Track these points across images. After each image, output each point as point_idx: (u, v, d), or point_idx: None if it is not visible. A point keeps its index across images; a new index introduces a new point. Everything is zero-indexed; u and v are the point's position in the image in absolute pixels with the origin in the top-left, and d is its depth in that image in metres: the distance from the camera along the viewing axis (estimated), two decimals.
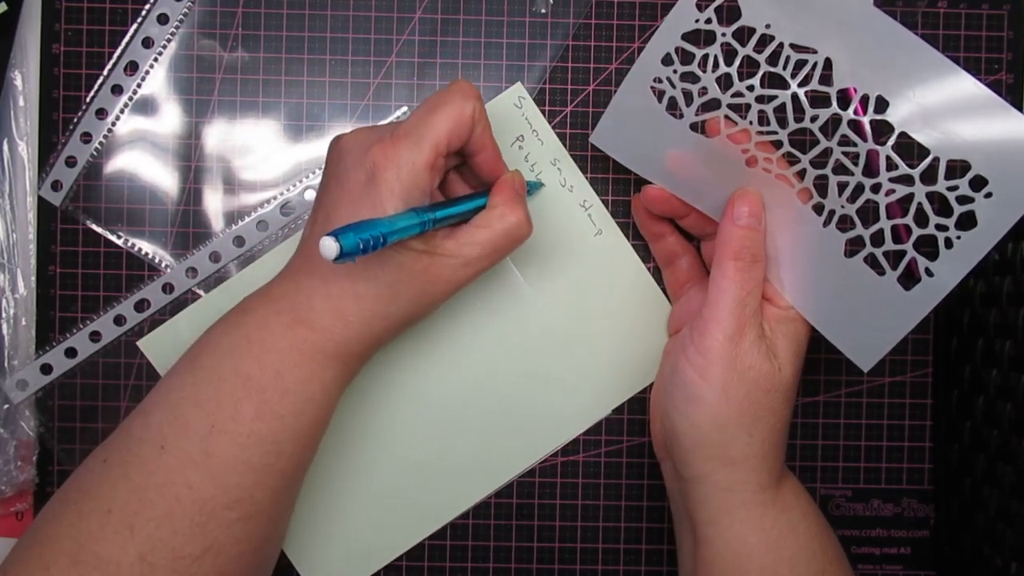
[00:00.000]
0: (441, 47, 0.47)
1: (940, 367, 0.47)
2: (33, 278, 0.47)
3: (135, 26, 0.46)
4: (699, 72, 0.40)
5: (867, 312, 0.37)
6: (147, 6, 0.46)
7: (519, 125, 0.46)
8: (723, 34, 0.39)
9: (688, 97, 0.40)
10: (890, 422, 0.48)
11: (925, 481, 0.48)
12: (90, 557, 0.34)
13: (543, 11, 0.47)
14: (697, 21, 0.39)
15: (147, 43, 0.46)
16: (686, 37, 0.40)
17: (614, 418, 0.47)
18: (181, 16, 0.46)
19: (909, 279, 0.37)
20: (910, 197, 0.37)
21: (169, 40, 0.46)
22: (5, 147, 0.46)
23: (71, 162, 0.46)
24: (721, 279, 0.39)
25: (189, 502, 0.35)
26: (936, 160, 0.36)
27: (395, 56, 0.47)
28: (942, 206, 0.37)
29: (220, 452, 0.36)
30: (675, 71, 0.40)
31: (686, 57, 0.40)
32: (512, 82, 0.47)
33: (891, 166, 0.37)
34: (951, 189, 0.36)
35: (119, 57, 0.46)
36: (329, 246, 0.32)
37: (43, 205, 0.46)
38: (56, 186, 0.46)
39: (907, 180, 0.37)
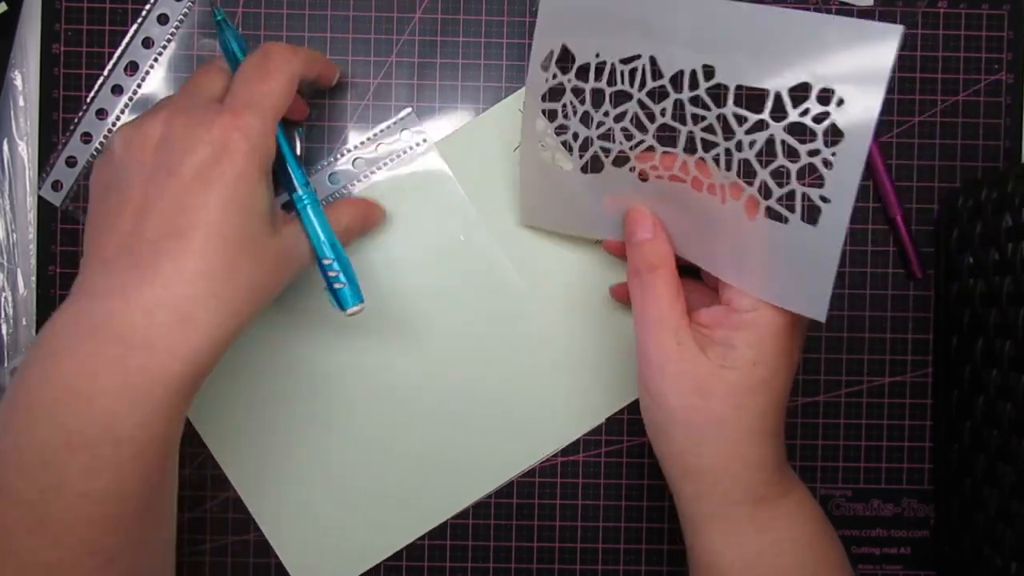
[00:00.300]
0: (441, 47, 0.47)
1: (940, 367, 0.47)
2: (33, 278, 0.47)
3: (135, 26, 0.46)
4: (566, 122, 0.42)
5: (795, 262, 0.37)
6: (147, 6, 0.46)
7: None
8: (568, 80, 0.41)
9: (568, 147, 0.42)
10: (890, 422, 0.48)
11: (925, 481, 0.48)
12: None
13: None
14: (547, 80, 0.41)
15: (147, 43, 0.46)
16: (545, 98, 0.42)
17: (614, 418, 0.47)
18: (181, 16, 0.46)
19: (813, 214, 0.36)
20: (772, 140, 0.37)
21: (169, 40, 0.46)
22: (5, 147, 0.46)
23: (71, 162, 0.46)
24: (633, 297, 0.39)
25: (37, 566, 0.33)
26: (778, 95, 0.36)
27: (395, 56, 0.47)
28: (804, 134, 0.36)
29: (55, 516, 0.33)
30: (548, 132, 0.42)
31: (552, 115, 0.42)
32: (512, 82, 0.47)
33: (741, 120, 0.37)
34: (804, 114, 0.36)
35: (119, 57, 0.46)
36: (358, 310, 0.36)
37: (43, 205, 0.46)
38: (56, 186, 0.46)
39: (761, 126, 0.37)
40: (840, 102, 0.34)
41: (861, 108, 0.34)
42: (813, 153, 0.35)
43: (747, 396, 0.36)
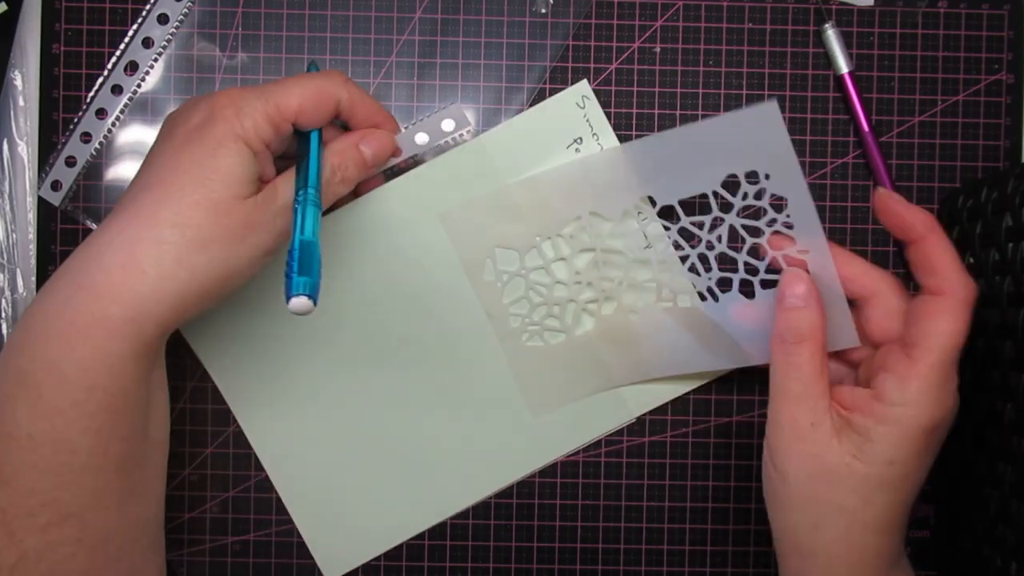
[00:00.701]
0: (441, 47, 0.47)
1: None
2: (33, 278, 0.47)
3: (135, 26, 0.46)
4: (540, 300, 0.45)
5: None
6: (147, 6, 0.46)
7: (578, 127, 0.45)
8: (522, 271, 0.45)
9: (551, 320, 0.46)
10: None
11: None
12: None
13: (543, 11, 0.47)
14: (501, 286, 0.45)
15: (147, 43, 0.46)
16: (509, 298, 0.46)
17: None
18: (181, 16, 0.46)
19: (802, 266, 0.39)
20: (733, 229, 0.41)
21: (169, 40, 0.46)
22: (5, 147, 0.46)
23: (71, 162, 0.46)
24: (773, 363, 0.38)
25: None
26: (715, 193, 0.40)
27: (395, 56, 0.47)
28: (754, 214, 0.39)
29: (7, 459, 0.34)
30: (526, 323, 0.46)
31: (523, 304, 0.46)
32: (512, 81, 0.47)
33: (699, 226, 0.42)
34: (744, 197, 0.39)
35: (119, 57, 0.46)
36: (303, 305, 0.33)
37: (43, 205, 0.46)
38: (56, 186, 0.46)
39: (717, 222, 0.41)
40: (767, 176, 0.38)
41: (784, 171, 0.37)
42: (772, 223, 0.39)
43: (876, 493, 0.35)
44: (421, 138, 0.44)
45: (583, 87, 0.45)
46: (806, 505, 0.36)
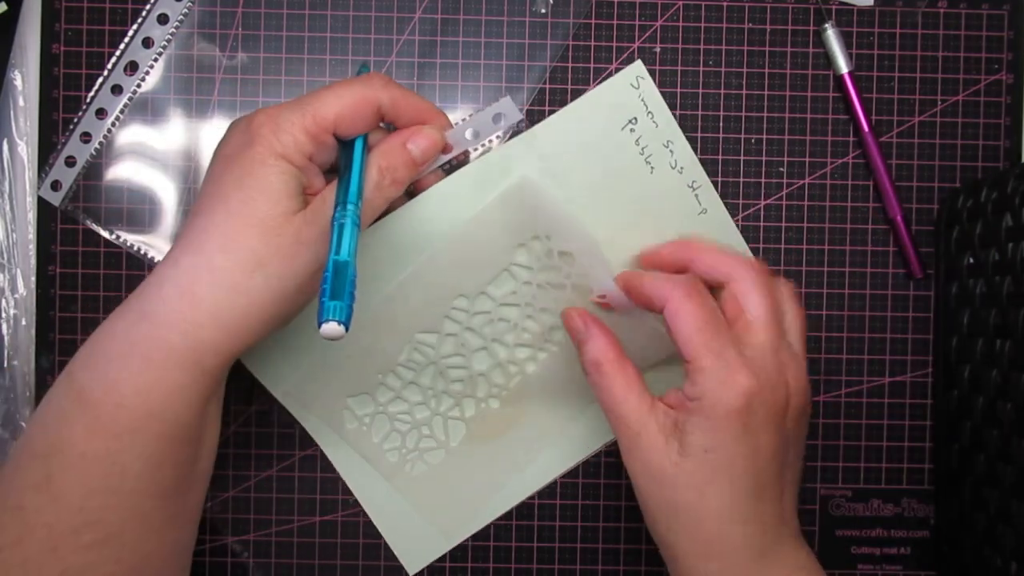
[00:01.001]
0: (441, 47, 0.47)
1: (940, 367, 0.47)
2: (33, 278, 0.47)
3: (135, 26, 0.46)
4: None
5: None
6: (147, 6, 0.46)
7: (633, 107, 0.45)
8: (381, 407, 0.47)
9: (416, 441, 0.47)
10: (890, 422, 0.48)
11: (925, 481, 0.48)
12: None
13: (543, 11, 0.47)
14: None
15: (147, 43, 0.46)
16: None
17: None
18: (181, 16, 0.46)
19: None
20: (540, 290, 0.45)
21: (169, 40, 0.46)
22: (5, 147, 0.46)
23: (71, 162, 0.46)
24: (593, 390, 0.40)
25: (37, 526, 0.34)
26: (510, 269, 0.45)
27: (395, 56, 0.47)
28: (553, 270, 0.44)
29: (59, 475, 0.34)
30: (399, 447, 0.47)
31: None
32: (512, 81, 0.47)
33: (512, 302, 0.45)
34: (540, 258, 0.44)
35: (119, 57, 0.46)
36: (334, 331, 0.32)
37: (43, 205, 0.46)
38: (56, 186, 0.46)
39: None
40: (548, 236, 0.43)
41: (563, 228, 0.43)
42: (568, 276, 0.44)
43: (707, 485, 0.36)
44: (471, 133, 0.44)
45: (638, 67, 0.45)
46: (653, 507, 0.38)
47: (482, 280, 0.44)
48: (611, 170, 0.45)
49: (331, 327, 0.32)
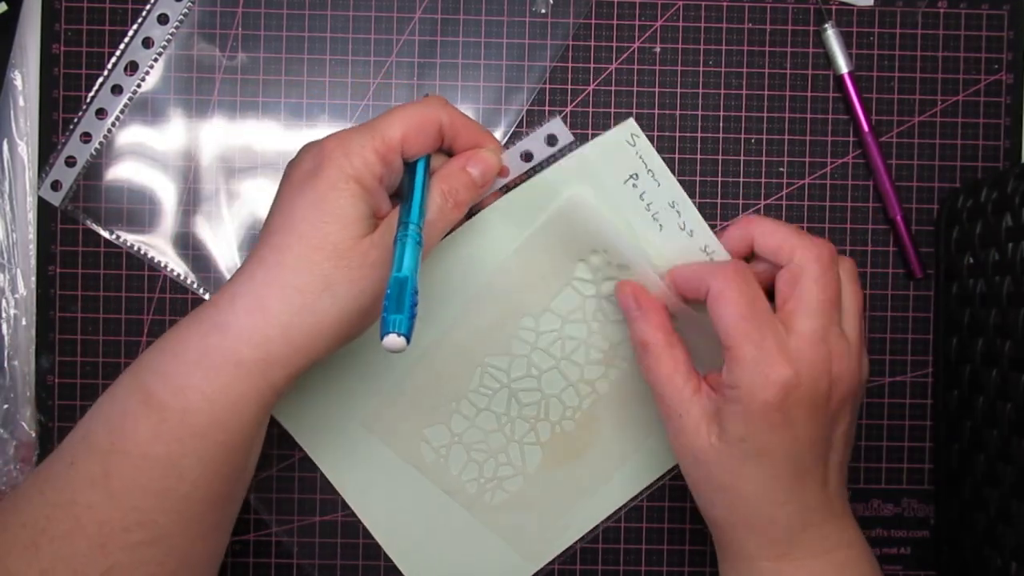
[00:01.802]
0: (441, 47, 0.47)
1: (940, 367, 0.47)
2: (33, 278, 0.47)
3: (135, 26, 0.46)
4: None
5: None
6: (147, 6, 0.46)
7: (632, 163, 0.42)
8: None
9: (494, 470, 0.47)
10: (890, 422, 0.48)
11: (925, 481, 0.48)
12: (1, 571, 0.34)
13: (543, 11, 0.47)
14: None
15: (147, 43, 0.46)
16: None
17: None
18: (181, 16, 0.46)
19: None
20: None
21: (169, 40, 0.46)
22: (5, 147, 0.46)
23: (71, 162, 0.46)
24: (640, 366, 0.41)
25: (89, 522, 0.35)
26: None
27: (395, 56, 0.47)
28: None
29: (118, 473, 0.35)
30: (476, 477, 0.47)
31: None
32: (512, 82, 0.47)
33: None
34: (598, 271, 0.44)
35: (119, 57, 0.46)
36: (395, 343, 0.32)
37: (43, 205, 0.46)
38: (56, 186, 0.46)
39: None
40: (605, 250, 0.43)
41: (617, 244, 0.42)
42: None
43: (741, 469, 0.37)
44: (524, 155, 0.45)
45: (631, 125, 0.42)
46: (697, 487, 0.39)
47: (546, 297, 0.44)
48: (623, 220, 0.43)
49: (392, 339, 0.33)
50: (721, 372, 0.38)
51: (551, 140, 0.46)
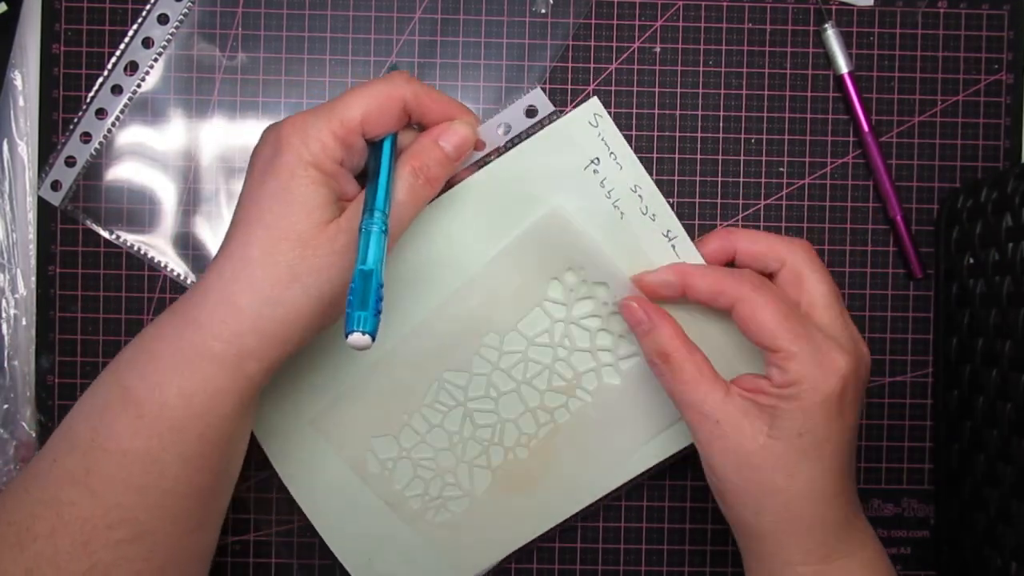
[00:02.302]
0: (441, 47, 0.47)
1: (940, 367, 0.47)
2: (33, 278, 0.47)
3: (135, 26, 0.46)
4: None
5: None
6: (147, 6, 0.46)
7: (594, 146, 0.41)
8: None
9: (440, 489, 0.46)
10: (890, 422, 0.48)
11: (925, 481, 0.48)
12: None
13: (543, 11, 0.47)
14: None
15: (147, 43, 0.46)
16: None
17: None
18: (181, 16, 0.46)
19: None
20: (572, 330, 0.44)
21: (169, 40, 0.46)
22: (5, 147, 0.46)
23: (71, 162, 0.46)
24: (661, 382, 0.40)
25: (71, 519, 0.34)
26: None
27: (395, 56, 0.47)
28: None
29: (99, 469, 0.35)
30: (421, 494, 0.45)
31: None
32: (512, 82, 0.47)
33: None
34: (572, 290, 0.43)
35: (119, 57, 0.46)
36: (360, 341, 0.32)
37: (43, 205, 0.46)
38: (56, 186, 0.46)
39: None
40: (582, 267, 0.42)
41: (596, 260, 0.42)
42: (604, 304, 0.43)
43: (798, 465, 0.37)
44: (503, 128, 0.44)
45: (594, 104, 0.41)
46: (742, 495, 0.38)
47: (513, 316, 0.43)
48: (579, 210, 0.41)
49: (357, 338, 0.33)
50: (749, 378, 0.38)
51: (530, 112, 0.45)
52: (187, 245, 0.47)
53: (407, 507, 0.45)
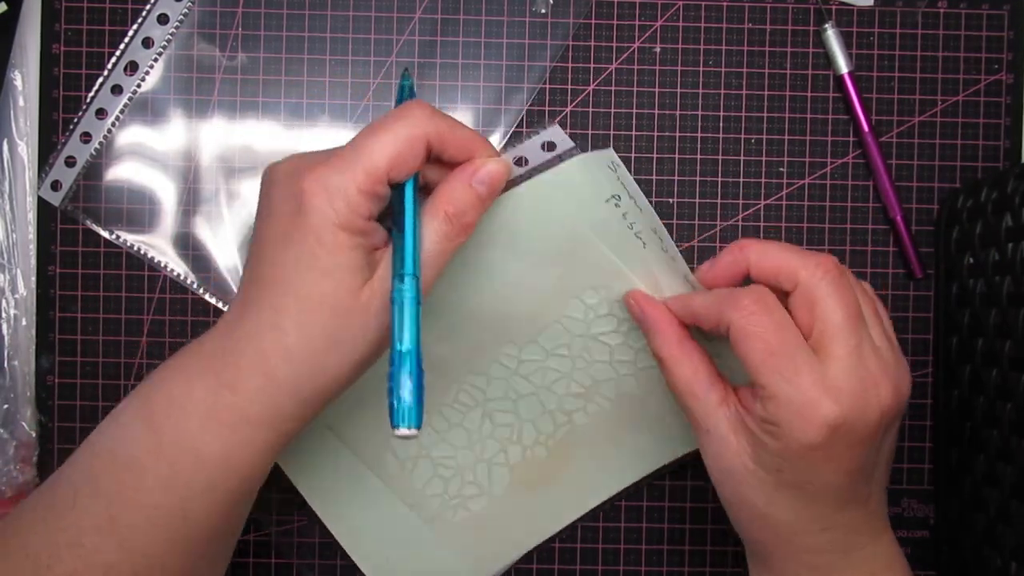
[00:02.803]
0: (441, 47, 0.47)
1: (940, 367, 0.47)
2: (33, 278, 0.47)
3: (135, 26, 0.46)
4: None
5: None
6: (147, 6, 0.46)
7: (613, 185, 0.40)
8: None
9: (459, 487, 0.46)
10: None
11: (925, 481, 0.48)
12: None
13: (543, 11, 0.47)
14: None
15: (147, 43, 0.46)
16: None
17: None
18: (181, 16, 0.46)
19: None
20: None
21: (169, 40, 0.46)
22: (5, 147, 0.46)
23: (71, 162, 0.46)
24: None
25: (96, 564, 0.34)
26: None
27: (395, 56, 0.47)
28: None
29: (126, 519, 0.34)
30: (441, 493, 0.46)
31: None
32: (512, 82, 0.47)
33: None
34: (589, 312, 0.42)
35: (119, 57, 0.46)
36: (407, 434, 0.32)
37: (43, 205, 0.46)
38: (56, 186, 0.46)
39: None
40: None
41: (613, 281, 0.41)
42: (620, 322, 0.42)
43: (775, 495, 0.35)
44: (522, 161, 0.44)
45: (610, 154, 0.41)
46: (730, 507, 0.37)
47: (533, 330, 0.43)
48: (602, 234, 0.40)
49: (404, 432, 0.32)
50: (751, 391, 0.35)
51: (550, 147, 0.45)
52: (187, 245, 0.47)
53: (428, 507, 0.45)
